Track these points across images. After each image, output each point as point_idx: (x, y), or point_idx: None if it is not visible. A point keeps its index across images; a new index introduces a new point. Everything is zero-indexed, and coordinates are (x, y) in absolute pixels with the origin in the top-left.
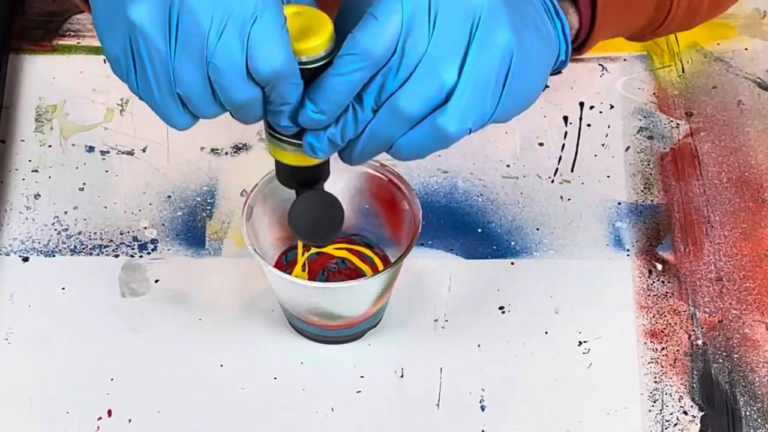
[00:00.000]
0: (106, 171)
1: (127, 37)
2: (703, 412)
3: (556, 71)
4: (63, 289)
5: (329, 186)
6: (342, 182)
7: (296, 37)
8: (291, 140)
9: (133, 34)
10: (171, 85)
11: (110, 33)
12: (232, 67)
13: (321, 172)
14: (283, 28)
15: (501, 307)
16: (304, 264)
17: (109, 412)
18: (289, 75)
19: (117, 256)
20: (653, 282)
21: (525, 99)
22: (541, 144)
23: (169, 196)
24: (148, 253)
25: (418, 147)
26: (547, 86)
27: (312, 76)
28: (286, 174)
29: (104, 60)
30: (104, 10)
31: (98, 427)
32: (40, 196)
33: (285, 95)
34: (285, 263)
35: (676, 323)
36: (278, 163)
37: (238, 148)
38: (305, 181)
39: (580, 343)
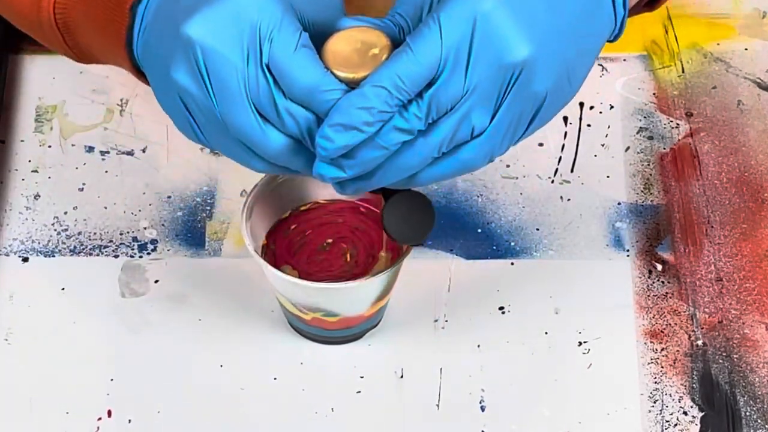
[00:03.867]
0: (106, 171)
1: (179, 98)
2: (703, 413)
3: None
4: (63, 289)
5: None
6: None
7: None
8: None
9: (181, 95)
10: (227, 130)
11: (168, 101)
12: (268, 99)
13: None
14: (301, 47)
15: (501, 308)
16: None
17: (109, 413)
18: (322, 85)
19: (117, 256)
20: (653, 282)
21: (559, 110)
22: (540, 144)
23: (169, 197)
24: (148, 254)
25: (438, 178)
26: None
27: None
28: None
29: None
30: (156, 78)
31: (98, 428)
32: (39, 196)
33: (329, 104)
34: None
35: (676, 323)
36: None
37: None
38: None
39: (580, 343)
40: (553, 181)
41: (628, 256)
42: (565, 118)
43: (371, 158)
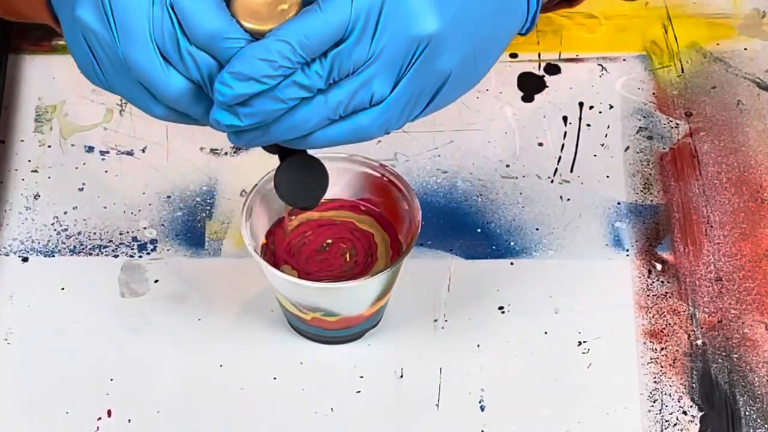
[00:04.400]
0: (106, 171)
1: (82, 37)
2: (703, 412)
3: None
4: (63, 289)
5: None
6: (342, 182)
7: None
8: None
9: (85, 33)
10: (128, 71)
11: (73, 41)
12: (172, 41)
13: None
14: None
15: (500, 307)
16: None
17: (109, 413)
18: (226, 32)
19: (116, 256)
20: (653, 282)
21: (461, 94)
22: (540, 144)
23: (169, 197)
24: (148, 254)
25: (331, 140)
26: (546, 86)
27: None
28: None
29: None
30: (65, 21)
31: (98, 427)
32: (39, 196)
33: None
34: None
35: (675, 323)
36: None
37: (237, 149)
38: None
39: (580, 343)
40: (552, 181)
41: (627, 255)
42: (565, 118)
43: (268, 110)
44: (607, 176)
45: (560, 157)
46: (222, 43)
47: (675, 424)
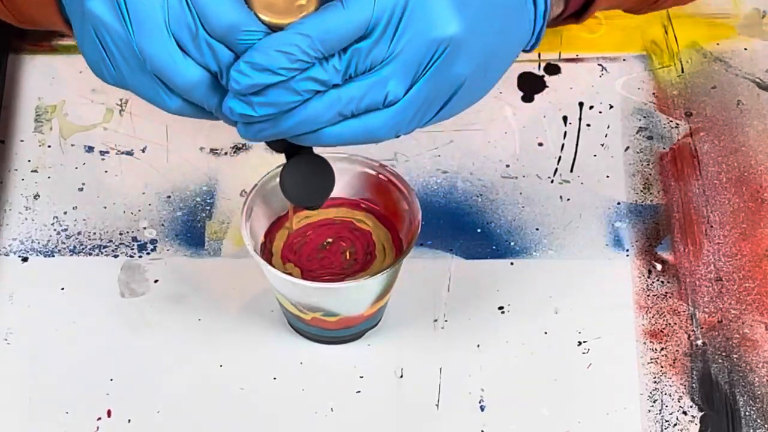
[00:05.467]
0: (106, 171)
1: (93, 32)
2: (703, 412)
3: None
4: (62, 289)
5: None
6: (342, 182)
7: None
8: None
9: (96, 27)
10: (142, 65)
11: (83, 38)
12: (189, 31)
13: None
14: None
15: (500, 307)
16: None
17: (109, 413)
18: (244, 24)
19: (116, 256)
20: (653, 282)
21: (469, 105)
22: (540, 144)
23: (169, 197)
24: (148, 254)
25: (340, 139)
26: (546, 86)
27: None
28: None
29: None
30: (76, 19)
31: (98, 428)
32: (39, 196)
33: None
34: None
35: (675, 323)
36: None
37: (237, 149)
38: (294, 144)
39: (580, 343)
40: (552, 181)
41: (627, 255)
42: (565, 118)
43: (282, 101)
44: (607, 176)
45: (560, 157)
46: (240, 35)
47: (675, 424)
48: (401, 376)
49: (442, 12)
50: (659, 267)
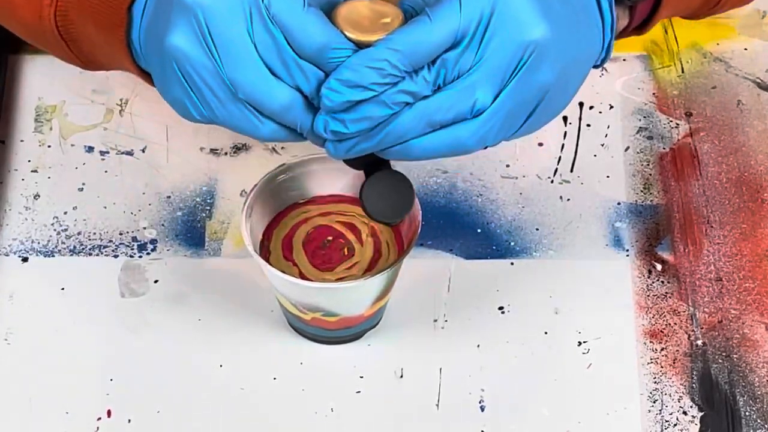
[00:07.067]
0: (106, 171)
1: (177, 68)
2: (703, 413)
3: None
4: (62, 289)
5: (325, 183)
6: (343, 181)
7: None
8: None
9: (180, 63)
10: (232, 94)
11: (165, 78)
12: (279, 55)
13: None
14: (309, 6)
15: (500, 308)
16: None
17: (109, 413)
18: (333, 43)
19: (116, 256)
20: (653, 282)
21: (551, 118)
22: (540, 144)
23: (169, 197)
24: (148, 254)
25: (429, 151)
26: None
27: None
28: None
29: None
30: (153, 59)
31: (98, 428)
32: (39, 196)
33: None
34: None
35: (675, 323)
36: None
37: (237, 149)
38: (373, 161)
39: (580, 343)
40: (552, 181)
41: (627, 256)
42: (565, 118)
43: (375, 116)
44: (607, 176)
45: (560, 157)
46: (330, 54)
47: (675, 425)
48: (401, 377)
49: (528, 16)
50: (659, 267)
